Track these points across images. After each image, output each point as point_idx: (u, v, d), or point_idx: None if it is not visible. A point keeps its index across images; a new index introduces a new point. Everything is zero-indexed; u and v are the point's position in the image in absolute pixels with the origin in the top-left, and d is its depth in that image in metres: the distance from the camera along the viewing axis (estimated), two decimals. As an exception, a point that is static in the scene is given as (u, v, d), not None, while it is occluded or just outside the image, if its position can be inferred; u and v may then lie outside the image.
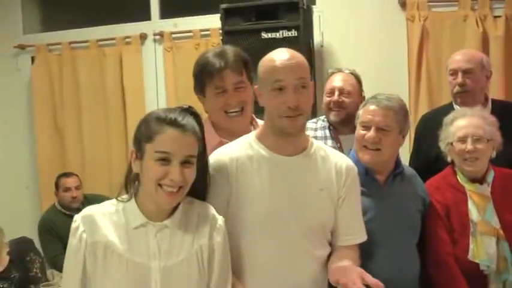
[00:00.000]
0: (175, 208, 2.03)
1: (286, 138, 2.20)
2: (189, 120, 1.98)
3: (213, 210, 2.08)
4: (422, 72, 4.44)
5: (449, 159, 2.83)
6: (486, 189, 2.73)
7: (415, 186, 2.70)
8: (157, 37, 5.11)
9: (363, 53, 4.55)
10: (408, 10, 4.46)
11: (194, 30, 4.95)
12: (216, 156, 2.21)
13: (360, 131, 2.60)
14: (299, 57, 2.20)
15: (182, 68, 4.86)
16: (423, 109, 4.25)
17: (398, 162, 2.65)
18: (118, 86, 5.16)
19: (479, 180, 2.76)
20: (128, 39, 5.15)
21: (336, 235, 2.28)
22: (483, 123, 2.75)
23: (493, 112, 3.14)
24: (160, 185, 1.93)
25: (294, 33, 4.13)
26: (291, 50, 2.22)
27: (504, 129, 3.09)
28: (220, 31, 4.40)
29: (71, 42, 5.25)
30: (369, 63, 4.42)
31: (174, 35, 5.02)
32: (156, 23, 5.16)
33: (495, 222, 2.67)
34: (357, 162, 2.53)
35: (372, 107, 2.59)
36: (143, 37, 5.13)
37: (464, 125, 2.75)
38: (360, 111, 2.65)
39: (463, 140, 2.72)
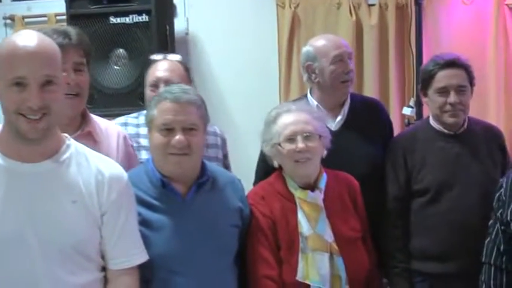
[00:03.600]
0: None
1: (28, 142, 1.80)
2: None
3: None
4: (293, 60, 4.16)
5: (275, 163, 2.48)
6: (318, 196, 2.40)
7: (229, 197, 2.31)
8: (8, 21, 4.62)
9: (231, 41, 4.27)
10: (279, -5, 4.19)
11: (49, 14, 4.47)
12: None
13: (160, 136, 2.19)
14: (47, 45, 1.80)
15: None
16: (294, 98, 3.93)
17: (204, 169, 2.27)
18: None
19: (311, 186, 2.42)
20: (-24, 23, 4.64)
21: (106, 257, 1.94)
22: (311, 118, 2.43)
23: (352, 108, 2.90)
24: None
25: (145, 18, 3.73)
26: (37, 35, 1.80)
27: (364, 126, 2.86)
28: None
29: None
30: (237, 51, 4.23)
31: (26, 19, 4.55)
32: (7, 6, 4.67)
33: (328, 236, 2.35)
34: (153, 171, 2.18)
35: (170, 104, 2.18)
36: (-7, 20, 4.63)
37: (291, 122, 2.40)
38: (154, 111, 2.22)
39: (291, 139, 2.38)
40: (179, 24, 4.21)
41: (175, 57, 2.90)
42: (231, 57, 4.24)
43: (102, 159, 1.98)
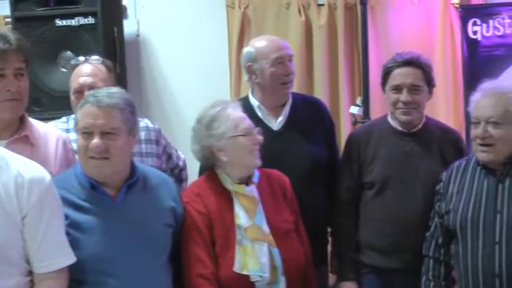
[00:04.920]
0: None
1: None
2: None
3: None
4: (244, 61, 4.14)
5: (223, 157, 2.45)
6: (254, 190, 2.44)
7: (161, 196, 2.31)
8: (-44, 24, 4.53)
9: (182, 42, 4.27)
10: (228, -4, 4.20)
11: (-3, 16, 4.42)
12: None
13: (81, 139, 2.18)
14: None
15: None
16: (244, 98, 3.98)
17: (133, 170, 2.26)
18: None
19: (245, 181, 2.46)
20: None
21: (30, 261, 1.94)
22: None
23: (293, 108, 2.92)
24: None
25: (91, 20, 3.70)
26: None
27: (306, 126, 2.88)
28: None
29: None
30: (188, 53, 4.24)
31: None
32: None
33: (265, 227, 2.39)
34: (82, 174, 2.18)
35: (92, 108, 2.17)
36: None
37: (242, 116, 2.49)
38: (79, 114, 2.22)
39: (249, 132, 2.46)
40: (130, 27, 4.20)
41: (97, 59, 2.84)
42: (182, 58, 4.23)
43: (25, 162, 1.96)
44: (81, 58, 2.85)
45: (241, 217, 2.37)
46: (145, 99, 4.30)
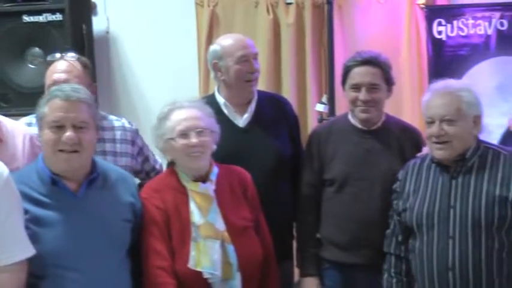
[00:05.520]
0: None
1: None
2: None
3: None
4: (213, 59, 4.16)
5: (168, 158, 2.54)
6: (209, 188, 2.46)
7: (120, 192, 2.34)
8: None
9: (151, 39, 4.26)
10: (197, -6, 4.21)
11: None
12: None
13: (50, 133, 2.20)
14: None
15: None
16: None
17: (94, 166, 2.29)
18: None
19: (202, 178, 2.48)
20: None
21: None
22: (202, 114, 2.50)
23: (258, 105, 2.96)
24: None
25: (59, 16, 3.70)
26: None
27: (271, 122, 2.93)
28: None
29: None
30: (158, 50, 4.24)
31: None
32: None
33: (219, 224, 2.42)
34: (43, 169, 2.20)
35: (61, 102, 2.20)
36: None
37: (184, 118, 2.46)
38: (45, 109, 2.23)
39: (185, 134, 2.43)
40: (99, 23, 4.19)
41: (73, 55, 2.85)
42: (151, 55, 4.24)
43: None
44: (57, 55, 2.84)
45: (195, 215, 2.40)
46: (115, 96, 4.30)
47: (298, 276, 3.04)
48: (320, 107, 3.78)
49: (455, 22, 3.91)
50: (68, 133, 2.16)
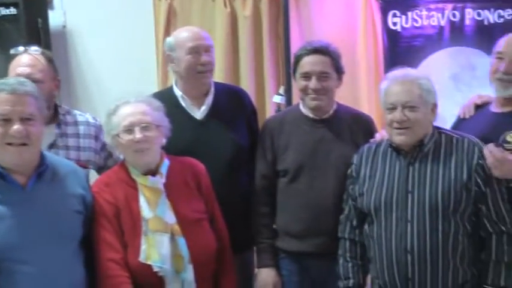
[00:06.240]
0: None
1: None
2: None
3: None
4: (170, 52, 4.17)
5: (117, 153, 2.56)
6: (158, 181, 2.47)
7: (70, 185, 2.34)
8: None
9: (109, 33, 4.27)
10: (154, -12, 4.21)
11: None
12: None
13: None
14: None
15: None
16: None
17: (42, 159, 2.29)
18: None
19: (152, 171, 2.49)
20: None
21: None
22: (149, 109, 2.49)
23: (216, 97, 2.97)
24: None
25: (13, 11, 3.68)
26: None
27: (229, 114, 2.95)
28: None
29: None
30: (115, 44, 4.25)
31: None
32: None
33: (169, 218, 2.43)
34: None
35: (8, 96, 2.19)
36: None
37: (129, 113, 2.46)
38: None
39: (129, 129, 2.44)
40: (56, 18, 4.18)
41: (37, 49, 2.80)
42: (109, 49, 4.24)
43: None
44: (21, 48, 2.78)
45: (144, 209, 2.41)
46: (73, 90, 4.29)
47: (257, 267, 3.08)
48: (277, 99, 3.81)
49: (409, 13, 3.99)
50: (16, 126, 2.15)
